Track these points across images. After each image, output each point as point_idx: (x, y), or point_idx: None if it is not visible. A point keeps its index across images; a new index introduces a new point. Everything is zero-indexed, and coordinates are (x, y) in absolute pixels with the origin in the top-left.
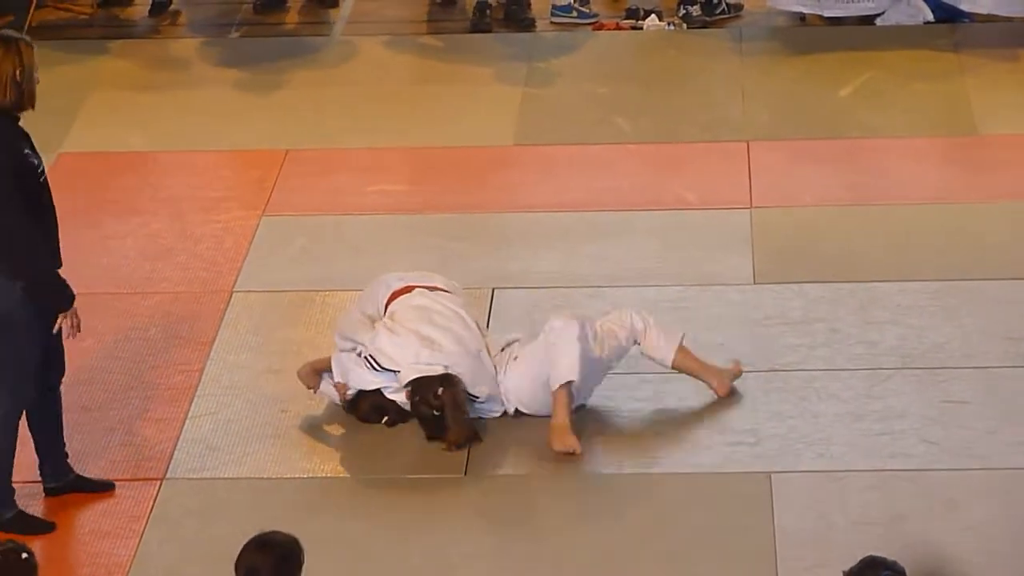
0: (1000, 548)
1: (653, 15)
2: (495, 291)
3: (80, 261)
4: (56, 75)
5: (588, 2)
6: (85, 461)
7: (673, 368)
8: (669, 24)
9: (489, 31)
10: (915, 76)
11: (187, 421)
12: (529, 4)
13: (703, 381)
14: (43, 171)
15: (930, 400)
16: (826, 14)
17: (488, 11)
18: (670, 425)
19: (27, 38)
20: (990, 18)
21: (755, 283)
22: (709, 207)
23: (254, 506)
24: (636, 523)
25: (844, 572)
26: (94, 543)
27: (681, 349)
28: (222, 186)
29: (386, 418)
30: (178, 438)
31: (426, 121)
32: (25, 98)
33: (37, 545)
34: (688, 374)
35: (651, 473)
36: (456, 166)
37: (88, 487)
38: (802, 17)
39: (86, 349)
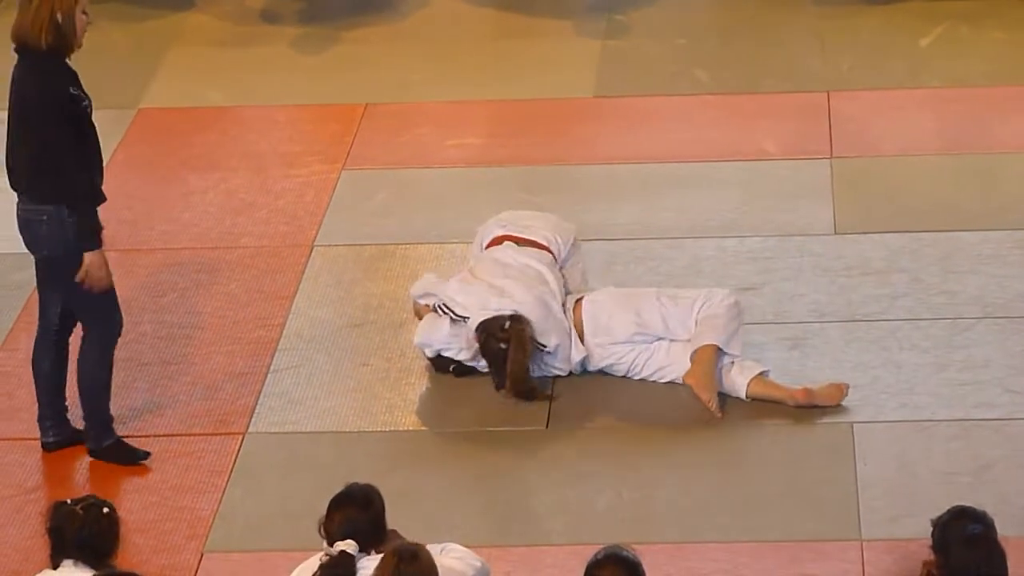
0: None
1: None
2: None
3: (161, 216)
4: (137, 31)
5: None
6: (166, 415)
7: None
8: None
9: None
10: (995, 24)
11: (269, 375)
12: None
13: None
14: (88, 107)
15: (1013, 349)
16: None
17: None
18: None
19: None
20: None
21: (836, 233)
22: (789, 157)
23: (336, 460)
24: (719, 474)
25: (932, 521)
26: (176, 498)
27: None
28: (302, 140)
29: (453, 366)
30: (260, 392)
31: (506, 74)
32: (66, 40)
33: (120, 500)
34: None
35: (733, 424)
36: (536, 119)
37: (127, 455)
38: None
39: (167, 304)
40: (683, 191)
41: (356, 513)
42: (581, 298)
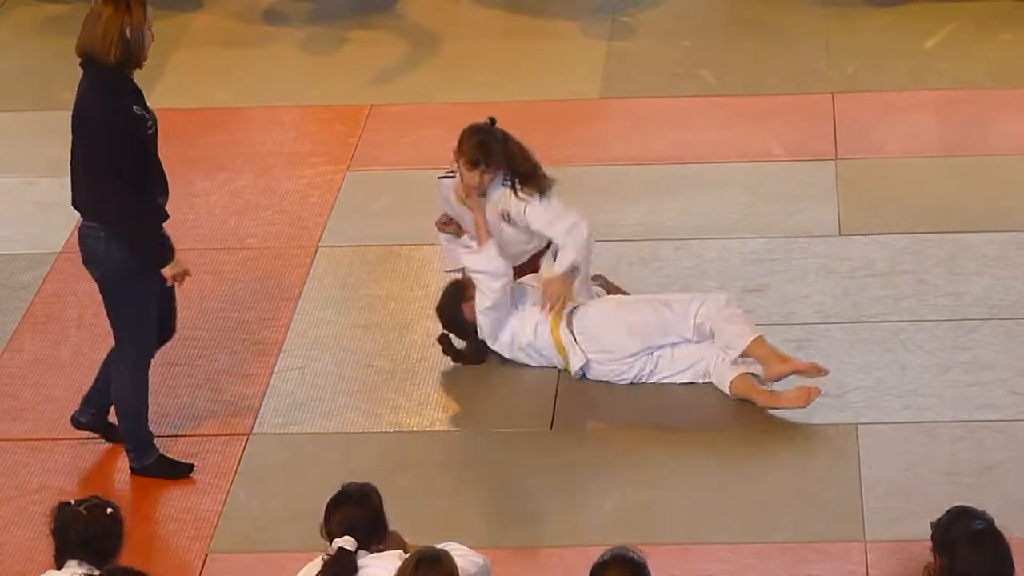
0: None
1: None
2: None
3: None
4: None
5: None
6: (171, 416)
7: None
8: None
9: None
10: (1001, 27)
11: (273, 376)
12: None
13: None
14: (153, 125)
15: (1017, 351)
16: None
17: None
18: (755, 378)
19: None
20: None
21: (840, 235)
22: (794, 159)
23: (341, 461)
24: (723, 475)
25: (932, 523)
26: (181, 498)
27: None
28: (307, 141)
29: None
30: (265, 393)
31: (511, 75)
32: (134, 56)
33: (124, 500)
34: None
35: (738, 425)
36: (542, 120)
37: (116, 438)
38: None
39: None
40: (688, 192)
41: (352, 511)
42: (573, 309)
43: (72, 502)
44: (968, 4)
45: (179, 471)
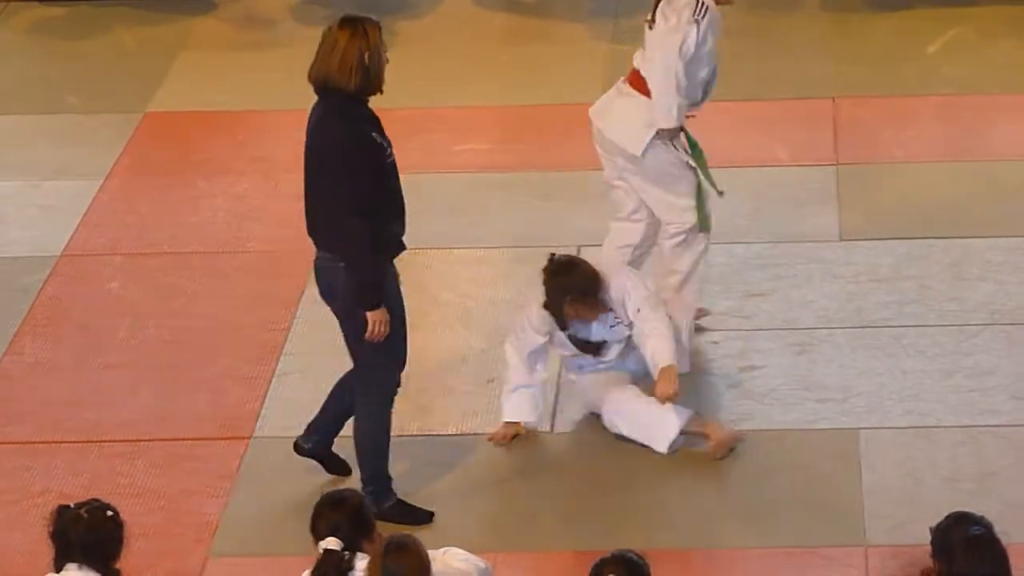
0: None
1: None
2: (581, 248)
3: (169, 220)
4: (146, 34)
5: None
6: (172, 419)
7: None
8: None
9: None
10: (1003, 32)
11: (274, 379)
12: None
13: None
14: (391, 155)
15: (1020, 356)
16: None
17: None
18: (758, 382)
19: (372, 18)
20: None
21: (842, 240)
22: (796, 164)
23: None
24: (725, 480)
25: (932, 528)
26: (183, 501)
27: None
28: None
29: None
30: (265, 396)
31: (514, 79)
32: (372, 81)
33: (125, 504)
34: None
35: (740, 431)
36: (545, 124)
37: (337, 468)
38: None
39: (175, 309)
40: None
41: (330, 512)
42: None
43: (72, 505)
44: (971, 9)
45: (419, 517)
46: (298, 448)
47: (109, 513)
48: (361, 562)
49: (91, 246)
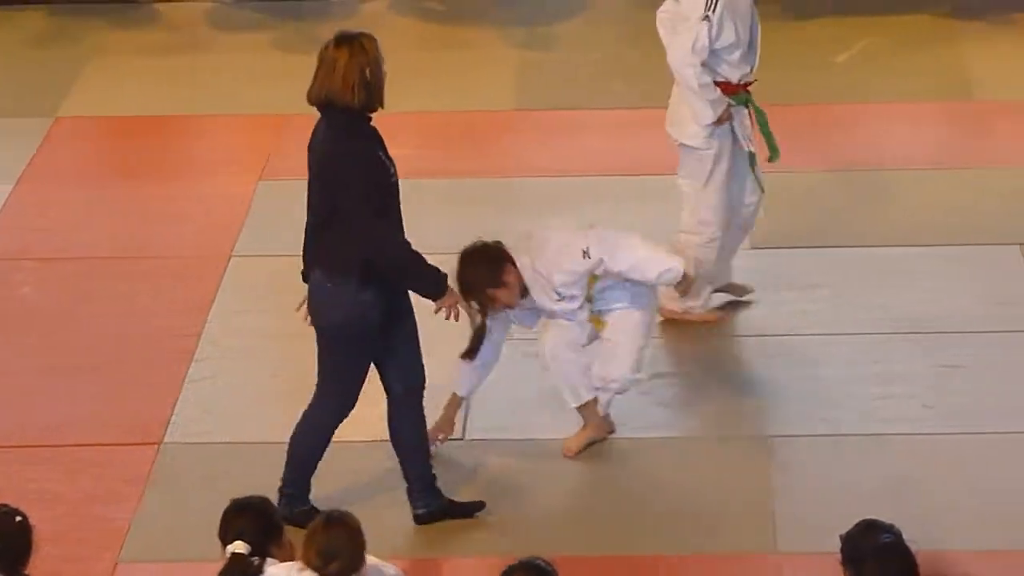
0: (996, 512)
1: None
2: None
3: (81, 225)
4: (58, 40)
5: None
6: (82, 425)
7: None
8: None
9: None
10: (912, 41)
11: (185, 385)
12: None
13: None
14: (395, 175)
15: (929, 364)
16: None
17: None
18: (669, 388)
19: (367, 32)
20: None
21: (752, 248)
22: None
23: (253, 470)
24: (635, 487)
25: (841, 536)
26: (92, 507)
27: None
28: (221, 150)
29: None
30: (176, 402)
31: (428, 86)
32: (375, 97)
33: (34, 509)
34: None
35: (651, 437)
36: (459, 131)
37: (458, 512)
38: None
39: (86, 314)
40: (607, 204)
41: (238, 518)
42: None
43: None
44: (881, 18)
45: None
46: (419, 519)
47: (18, 519)
48: (270, 568)
49: (2, 251)
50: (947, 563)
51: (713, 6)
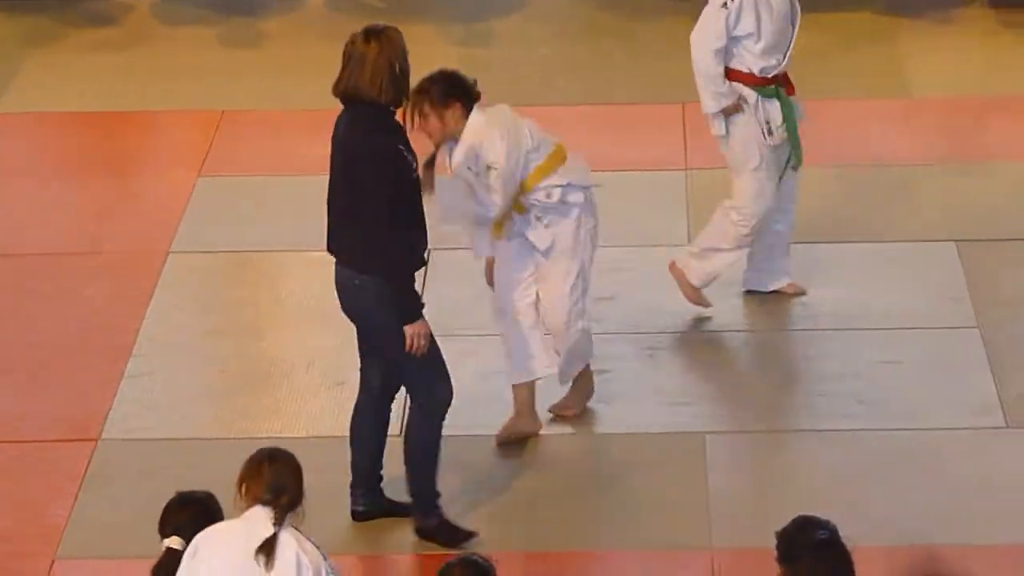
0: (931, 507)
1: None
2: (431, 251)
3: (20, 222)
4: None
5: None
6: (19, 421)
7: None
8: None
9: None
10: (851, 39)
11: (124, 381)
12: None
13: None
14: (416, 167)
15: (866, 361)
16: None
17: None
18: (607, 385)
19: (392, 25)
20: None
21: (690, 244)
22: (646, 168)
23: (191, 466)
24: (572, 483)
25: (776, 532)
26: (30, 504)
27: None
28: (160, 146)
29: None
30: (114, 398)
31: None
32: (403, 91)
33: None
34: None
35: (589, 433)
36: None
37: (399, 511)
38: None
39: (24, 311)
40: None
41: (177, 512)
42: None
43: None
44: (820, 15)
45: (459, 537)
46: (356, 516)
47: None
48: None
49: None
50: (892, 558)
51: None
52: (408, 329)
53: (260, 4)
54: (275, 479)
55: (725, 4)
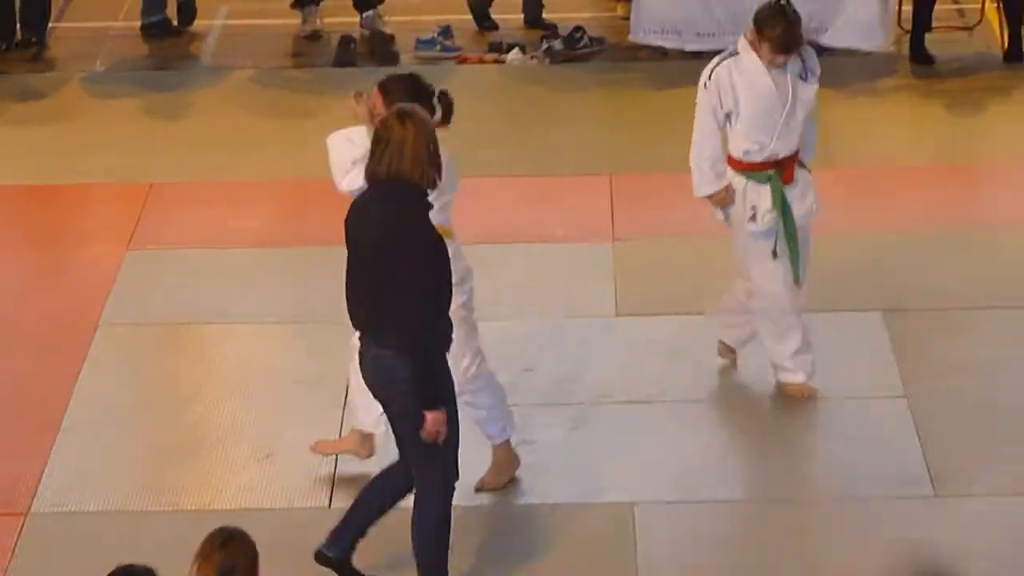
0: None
1: (516, 48)
2: None
3: None
4: None
5: (451, 36)
6: None
7: None
8: (532, 58)
9: (354, 65)
10: None
11: (52, 455)
12: (393, 38)
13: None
14: (445, 249)
15: (794, 430)
16: (687, 48)
17: (353, 45)
18: (533, 456)
19: (415, 105)
20: (849, 52)
21: (617, 315)
22: (573, 240)
23: (121, 539)
24: (498, 556)
25: None
26: None
27: None
28: (87, 219)
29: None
30: (43, 472)
31: (291, 154)
32: (438, 171)
33: None
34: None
35: (515, 504)
36: (319, 199)
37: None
38: (664, 51)
39: None
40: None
41: None
42: None
43: None
44: None
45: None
46: (320, 557)
47: None
48: None
49: None
50: None
51: (710, 74)
52: (430, 416)
53: (188, 77)
54: (226, 562)
55: (705, 85)
